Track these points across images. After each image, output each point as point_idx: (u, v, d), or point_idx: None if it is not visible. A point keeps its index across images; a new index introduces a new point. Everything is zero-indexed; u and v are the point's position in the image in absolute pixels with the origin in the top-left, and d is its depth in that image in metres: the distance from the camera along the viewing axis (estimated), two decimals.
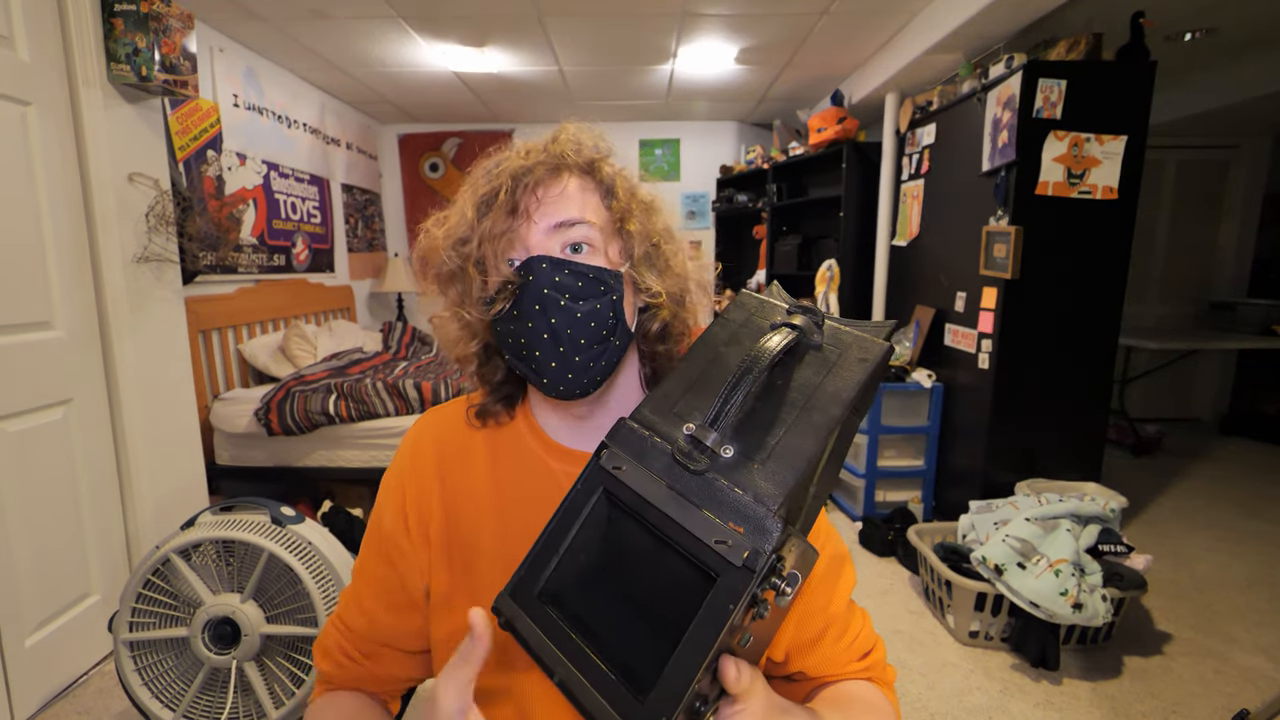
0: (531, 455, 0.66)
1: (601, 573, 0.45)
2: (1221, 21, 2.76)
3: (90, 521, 1.89)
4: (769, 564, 0.39)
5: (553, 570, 0.46)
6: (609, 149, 0.65)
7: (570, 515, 0.47)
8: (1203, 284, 4.47)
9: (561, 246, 0.59)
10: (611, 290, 0.59)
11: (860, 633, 0.66)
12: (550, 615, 0.44)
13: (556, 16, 2.82)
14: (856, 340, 0.50)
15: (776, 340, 0.47)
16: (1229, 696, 1.79)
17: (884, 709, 0.62)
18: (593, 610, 0.44)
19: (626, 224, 0.61)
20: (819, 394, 0.46)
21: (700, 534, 0.41)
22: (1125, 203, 2.31)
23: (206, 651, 1.39)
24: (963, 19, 2.44)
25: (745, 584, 0.38)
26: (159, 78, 1.89)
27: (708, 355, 0.51)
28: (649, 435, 0.47)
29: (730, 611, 0.38)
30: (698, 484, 0.43)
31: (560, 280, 0.57)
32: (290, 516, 1.48)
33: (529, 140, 0.64)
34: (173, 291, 2.15)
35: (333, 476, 2.76)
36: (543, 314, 0.57)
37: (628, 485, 0.45)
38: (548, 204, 0.59)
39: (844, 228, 3.62)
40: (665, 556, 0.43)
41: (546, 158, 0.60)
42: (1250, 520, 2.98)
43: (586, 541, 0.46)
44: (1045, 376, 2.44)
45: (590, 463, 0.48)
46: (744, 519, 0.41)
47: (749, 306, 0.55)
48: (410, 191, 4.91)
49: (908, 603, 2.28)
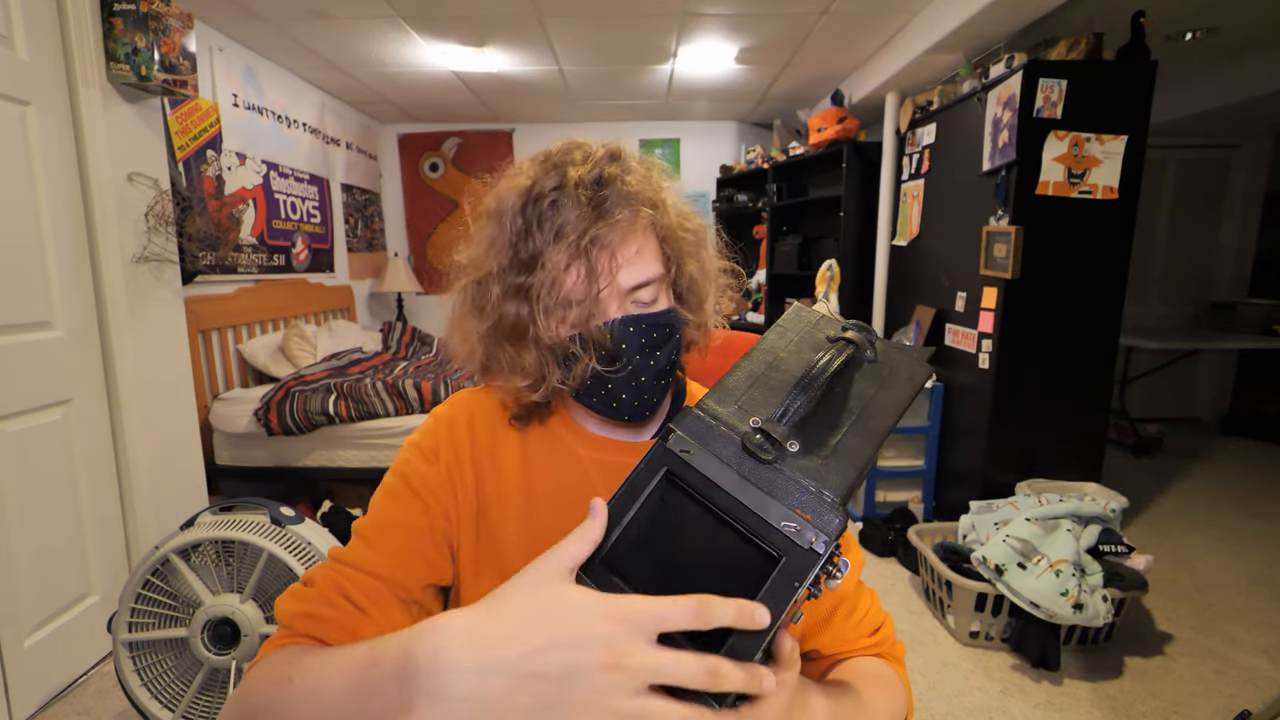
0: (559, 439, 0.69)
1: (659, 547, 0.48)
2: (1222, 21, 2.75)
3: (90, 521, 1.89)
4: (832, 550, 0.43)
5: (614, 542, 0.48)
6: (659, 183, 0.64)
7: (634, 491, 0.50)
8: (1203, 284, 4.47)
9: (634, 302, 0.61)
10: (676, 331, 0.64)
11: (869, 610, 0.69)
12: (614, 582, 0.47)
13: (556, 16, 2.82)
14: (905, 360, 0.55)
15: (836, 353, 0.52)
16: (1230, 697, 1.79)
17: (893, 682, 0.65)
18: (651, 582, 0.47)
19: (685, 266, 0.65)
20: (874, 404, 0.52)
21: (769, 517, 0.45)
22: (1126, 202, 2.31)
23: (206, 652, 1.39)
24: (963, 19, 2.43)
25: (811, 565, 0.43)
26: (158, 77, 1.89)
27: (767, 359, 0.56)
28: (715, 424, 0.51)
29: (796, 589, 0.42)
30: (766, 473, 0.47)
31: (641, 337, 0.61)
32: (290, 517, 1.48)
33: (577, 164, 0.60)
34: (172, 291, 2.15)
35: (332, 476, 2.76)
36: (628, 369, 0.61)
37: (695, 468, 0.49)
38: (625, 265, 0.59)
39: (844, 227, 3.61)
40: (724, 535, 0.46)
41: (621, 213, 0.58)
42: (1251, 520, 2.97)
43: (646, 516, 0.49)
44: (1045, 376, 2.44)
45: (656, 444, 0.51)
46: (810, 507, 0.45)
47: (806, 320, 0.60)
48: (410, 191, 4.91)
49: (908, 603, 2.27)
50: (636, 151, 0.67)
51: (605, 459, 0.67)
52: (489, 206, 0.63)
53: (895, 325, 3.31)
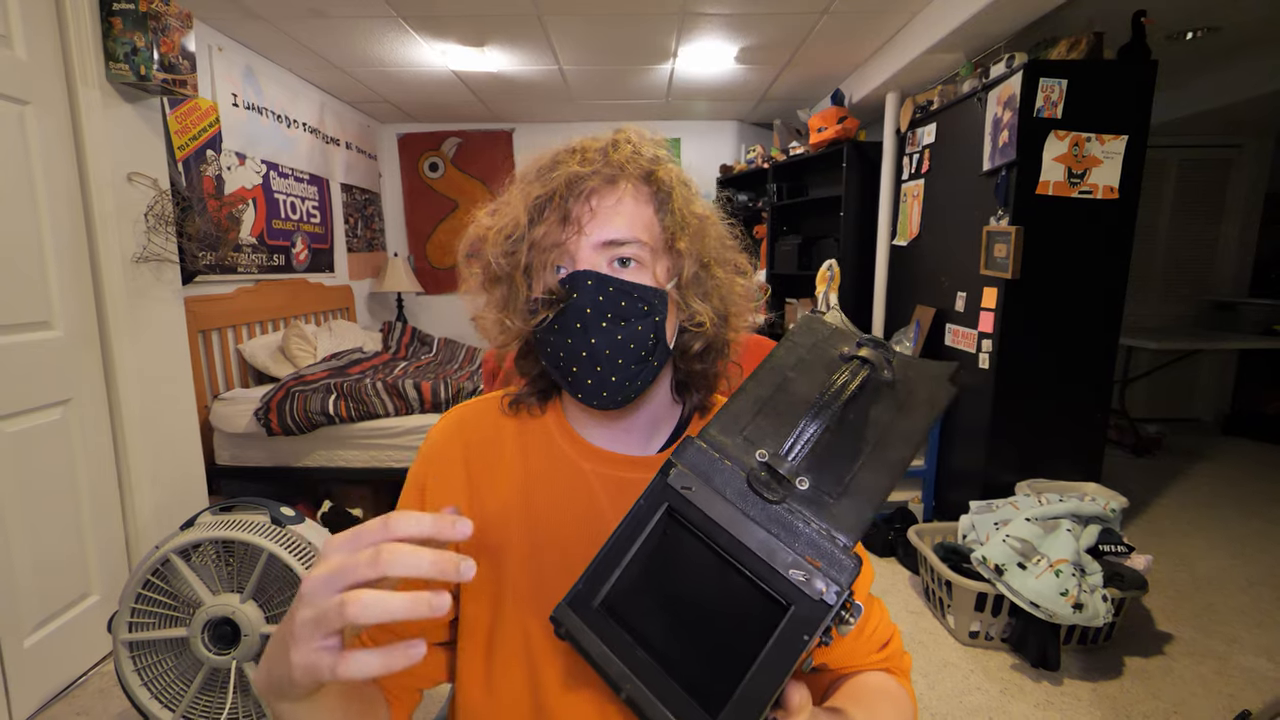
0: (561, 454, 0.66)
1: (661, 589, 0.46)
2: (1223, 20, 2.75)
3: (90, 522, 1.88)
4: (844, 599, 0.40)
5: (613, 584, 0.46)
6: (669, 157, 0.63)
7: (633, 529, 0.47)
8: (1204, 283, 4.47)
9: (609, 261, 0.58)
10: (654, 311, 0.59)
11: (879, 624, 0.68)
12: (614, 628, 0.44)
13: (556, 16, 2.82)
14: (923, 379, 0.50)
15: (850, 375, 0.48)
16: (1230, 697, 1.79)
17: (900, 698, 0.64)
18: (652, 625, 0.44)
19: (677, 242, 0.60)
20: (891, 432, 0.47)
21: (775, 563, 0.42)
22: (1126, 202, 2.30)
23: (206, 652, 1.39)
24: (963, 18, 2.43)
25: (822, 616, 0.40)
26: (157, 77, 1.89)
27: (775, 379, 0.52)
28: (719, 458, 0.47)
29: (806, 642, 0.39)
30: (772, 514, 0.44)
31: (604, 299, 0.57)
32: (290, 517, 1.48)
33: (587, 138, 0.62)
34: (172, 291, 2.15)
35: (332, 477, 2.76)
36: (583, 332, 0.57)
37: (697, 506, 0.45)
38: (601, 216, 0.58)
39: (844, 227, 3.61)
40: (729, 577, 0.43)
41: (605, 167, 0.59)
42: (1251, 520, 2.97)
43: (646, 556, 0.46)
44: (1046, 376, 2.44)
45: (656, 479, 0.48)
46: (820, 553, 0.42)
47: (818, 332, 0.55)
48: (410, 191, 4.91)
49: (908, 603, 2.27)
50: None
51: (609, 473, 0.65)
52: (512, 179, 0.64)
53: (895, 325, 3.31)
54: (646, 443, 0.67)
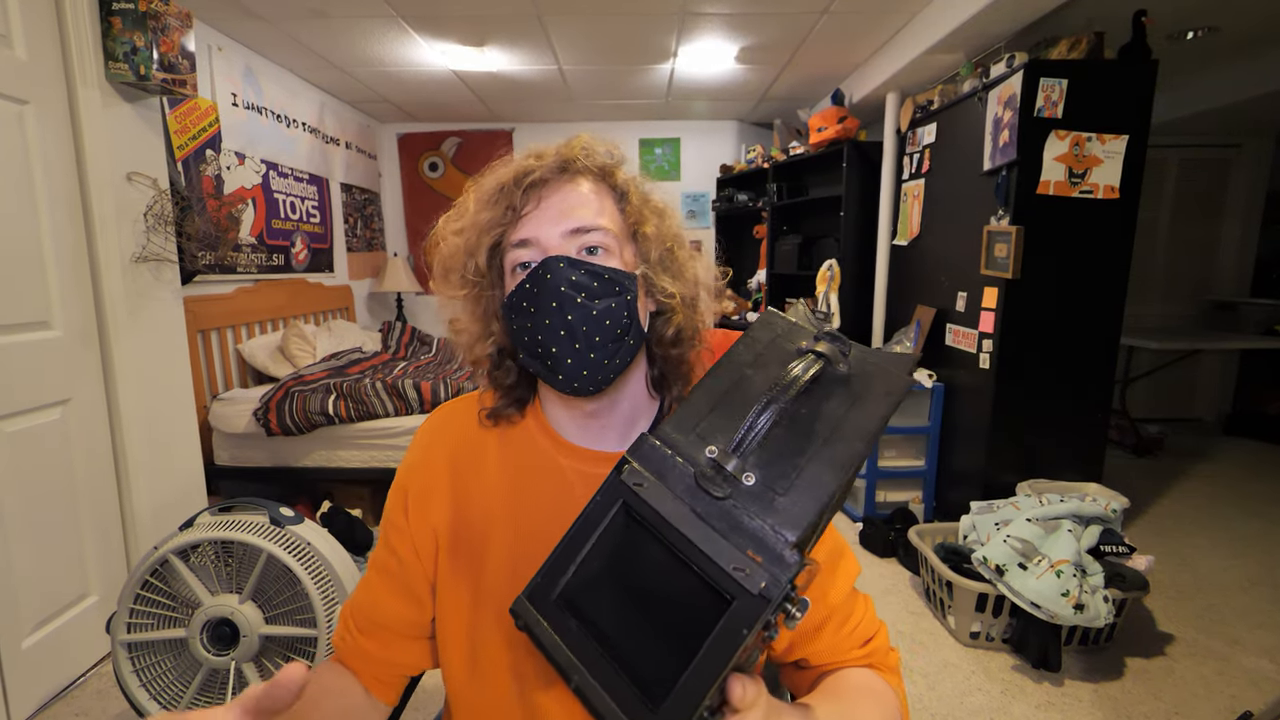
0: (542, 452, 0.68)
1: (616, 582, 0.47)
2: (1223, 20, 2.75)
3: (88, 522, 1.88)
4: (784, 594, 0.40)
5: (570, 577, 0.47)
6: (622, 158, 0.67)
7: (589, 525, 0.48)
8: (1204, 283, 4.46)
9: (578, 249, 0.61)
10: (626, 291, 0.62)
11: (862, 620, 0.67)
12: (568, 621, 0.46)
13: (556, 16, 2.81)
14: (880, 372, 0.50)
15: (802, 369, 0.48)
16: (1232, 698, 1.78)
17: (883, 694, 0.63)
18: (607, 618, 0.46)
19: (641, 228, 0.64)
20: (843, 426, 0.47)
21: (719, 559, 0.42)
22: (1127, 202, 2.30)
23: (205, 652, 1.38)
24: (963, 18, 2.43)
25: (760, 611, 0.40)
26: (157, 76, 1.89)
27: (732, 375, 0.52)
28: (671, 454, 0.48)
29: (744, 636, 0.40)
30: (719, 509, 0.44)
31: (577, 279, 0.60)
32: (289, 517, 1.48)
33: (541, 145, 0.66)
34: (171, 291, 2.14)
35: (332, 477, 2.76)
36: (560, 311, 0.59)
37: (648, 503, 0.46)
38: (559, 202, 0.62)
39: (844, 227, 3.61)
40: (680, 572, 0.44)
41: (556, 160, 0.63)
42: (1253, 521, 2.97)
43: (603, 551, 0.47)
44: (1046, 377, 2.43)
45: (611, 476, 0.49)
46: (762, 548, 0.42)
47: (777, 328, 0.55)
48: (410, 191, 4.90)
49: (908, 603, 2.27)
50: (636, 151, 0.68)
51: (588, 470, 0.66)
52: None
53: (895, 325, 3.31)
54: (624, 439, 0.68)
